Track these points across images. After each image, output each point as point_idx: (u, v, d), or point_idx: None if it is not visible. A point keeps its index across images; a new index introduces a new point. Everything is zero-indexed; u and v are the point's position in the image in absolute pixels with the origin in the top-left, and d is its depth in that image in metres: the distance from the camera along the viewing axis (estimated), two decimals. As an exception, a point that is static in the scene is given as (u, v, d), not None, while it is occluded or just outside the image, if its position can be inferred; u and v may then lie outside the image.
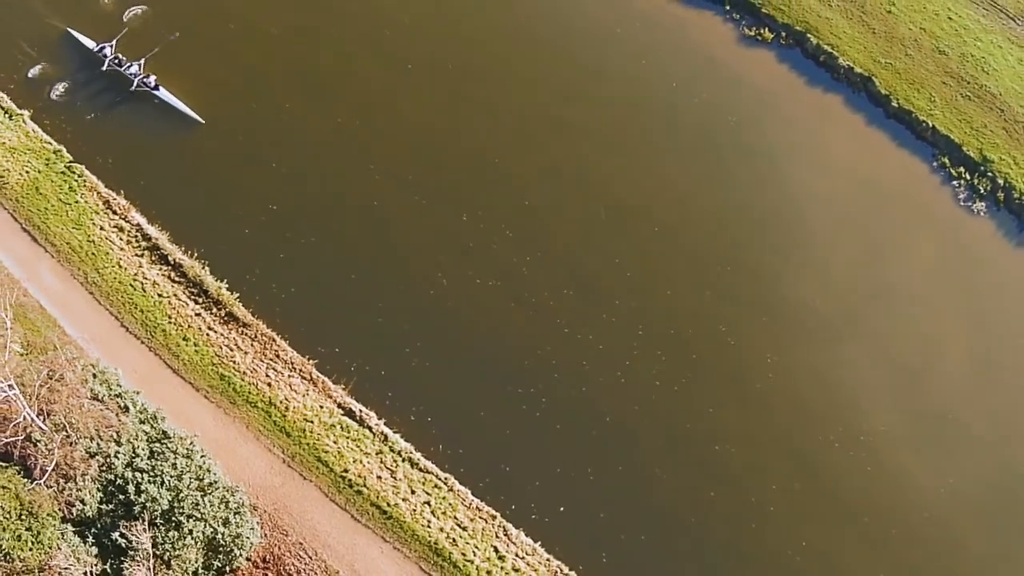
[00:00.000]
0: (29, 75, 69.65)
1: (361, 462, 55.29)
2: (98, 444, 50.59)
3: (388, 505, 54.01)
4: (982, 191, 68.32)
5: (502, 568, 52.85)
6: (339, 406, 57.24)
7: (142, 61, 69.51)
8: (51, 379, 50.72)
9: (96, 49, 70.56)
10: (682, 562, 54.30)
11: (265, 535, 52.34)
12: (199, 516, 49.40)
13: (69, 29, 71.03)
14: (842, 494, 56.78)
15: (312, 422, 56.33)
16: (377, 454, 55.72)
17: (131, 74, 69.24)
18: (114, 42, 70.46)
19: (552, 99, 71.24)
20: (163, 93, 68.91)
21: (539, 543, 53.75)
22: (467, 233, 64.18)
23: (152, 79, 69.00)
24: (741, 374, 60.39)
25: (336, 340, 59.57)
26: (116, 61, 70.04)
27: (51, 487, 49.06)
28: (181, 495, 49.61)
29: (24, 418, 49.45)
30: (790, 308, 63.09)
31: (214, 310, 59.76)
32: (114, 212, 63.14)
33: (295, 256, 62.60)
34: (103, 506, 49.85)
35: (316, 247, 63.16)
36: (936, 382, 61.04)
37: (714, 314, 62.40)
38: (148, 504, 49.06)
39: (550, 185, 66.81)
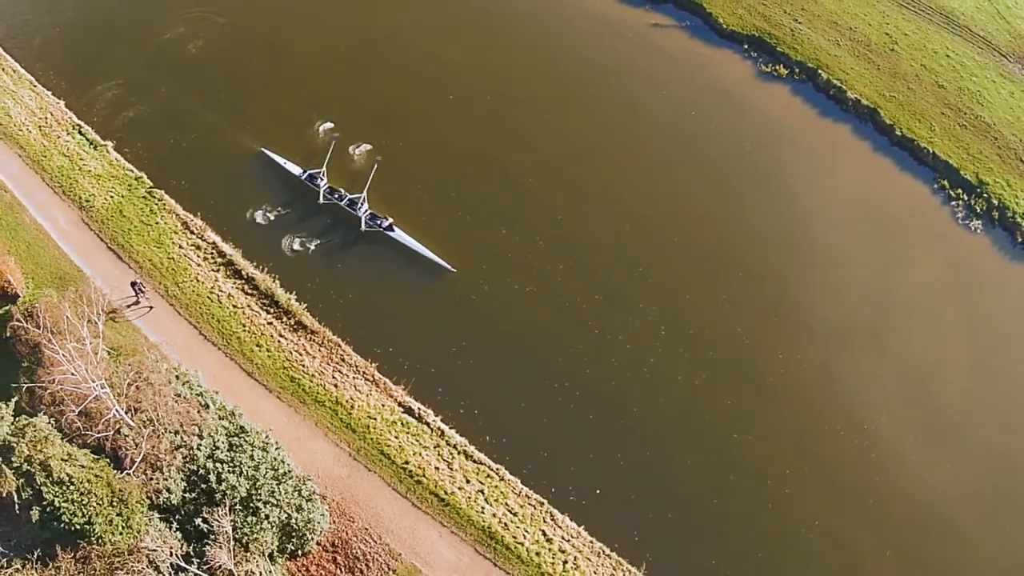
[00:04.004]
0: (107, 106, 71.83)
1: (420, 455, 56.91)
2: (182, 438, 51.93)
3: (445, 493, 55.71)
4: (978, 211, 71.81)
5: (550, 550, 54.38)
6: (399, 404, 58.79)
7: (364, 193, 66.79)
8: (138, 379, 52.03)
9: (303, 176, 68.16)
10: (705, 539, 55.38)
11: (334, 521, 53.85)
12: (275, 503, 50.99)
13: (263, 149, 70.31)
14: (849, 478, 58.10)
15: (375, 419, 57.99)
16: (435, 447, 57.28)
17: (347, 205, 66.77)
18: (324, 169, 68.32)
19: (581, 125, 74.41)
20: (399, 235, 65.86)
21: (583, 527, 55.17)
22: (506, 244, 66.65)
23: (368, 212, 66.22)
24: (755, 370, 62.10)
25: (390, 341, 61.26)
26: (330, 191, 67.37)
27: (139, 477, 50.14)
28: (258, 483, 51.12)
29: (114, 414, 50.94)
30: (799, 311, 65.14)
31: (284, 319, 61.57)
32: (191, 232, 65.39)
33: (351, 266, 65.24)
34: (187, 494, 51.18)
35: (369, 256, 65.87)
36: (934, 380, 63.00)
37: (730, 316, 64.41)
38: (228, 492, 50.57)
39: (579, 202, 69.49)
